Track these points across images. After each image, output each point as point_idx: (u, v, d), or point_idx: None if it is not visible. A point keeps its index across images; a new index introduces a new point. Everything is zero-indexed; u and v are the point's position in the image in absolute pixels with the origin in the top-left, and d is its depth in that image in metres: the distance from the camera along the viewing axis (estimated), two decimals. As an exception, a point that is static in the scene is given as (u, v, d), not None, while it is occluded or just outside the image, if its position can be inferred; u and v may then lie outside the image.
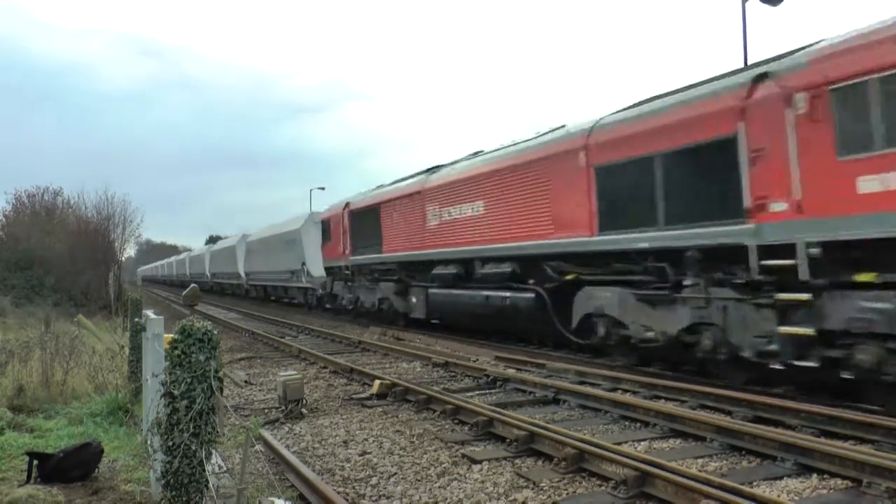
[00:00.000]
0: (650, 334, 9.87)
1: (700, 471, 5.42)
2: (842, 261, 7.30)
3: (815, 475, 5.39)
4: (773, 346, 7.95)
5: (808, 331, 7.50)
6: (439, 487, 5.48)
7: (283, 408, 8.38)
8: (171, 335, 4.00)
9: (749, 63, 14.25)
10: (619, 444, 6.24)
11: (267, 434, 7.05)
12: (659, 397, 8.40)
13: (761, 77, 8.23)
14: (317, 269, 25.38)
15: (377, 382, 9.53)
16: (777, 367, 8.00)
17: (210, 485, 3.93)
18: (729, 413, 7.37)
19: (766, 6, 16.21)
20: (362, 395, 9.45)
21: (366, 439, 7.09)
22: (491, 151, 15.05)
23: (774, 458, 5.77)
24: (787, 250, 7.74)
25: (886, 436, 6.08)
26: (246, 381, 11.01)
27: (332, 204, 24.53)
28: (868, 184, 6.97)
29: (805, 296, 7.51)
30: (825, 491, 5.10)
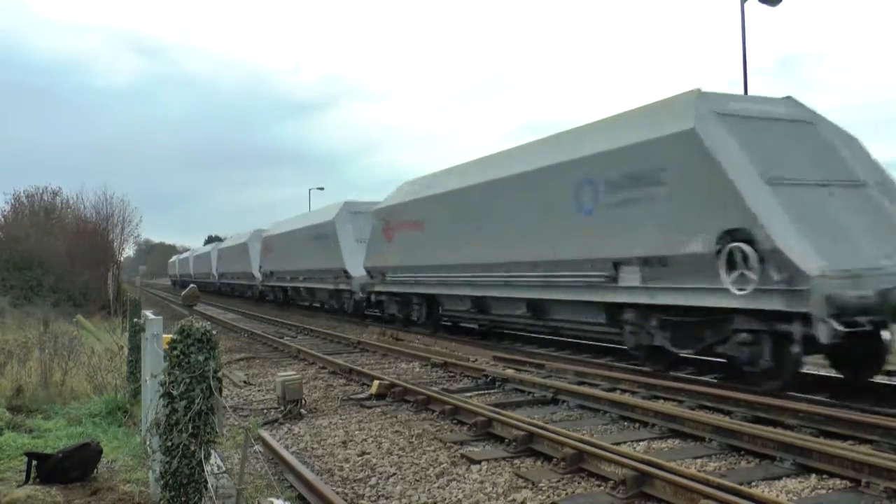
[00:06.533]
0: None
1: (699, 471, 5.42)
2: None
3: (813, 475, 5.40)
4: None
5: None
6: (438, 488, 5.48)
7: (282, 408, 8.38)
8: (171, 335, 4.00)
9: (748, 64, 14.20)
10: (618, 444, 6.25)
11: (266, 434, 7.04)
12: (658, 397, 8.41)
13: None
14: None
15: (376, 383, 9.53)
16: None
17: (209, 485, 3.92)
18: (728, 413, 7.38)
19: (765, 6, 16.24)
20: (361, 396, 9.45)
21: (365, 439, 7.09)
22: None
23: (773, 458, 5.78)
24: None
25: (885, 436, 6.09)
26: (245, 382, 11.00)
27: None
28: None
29: None
30: (824, 491, 5.11)
